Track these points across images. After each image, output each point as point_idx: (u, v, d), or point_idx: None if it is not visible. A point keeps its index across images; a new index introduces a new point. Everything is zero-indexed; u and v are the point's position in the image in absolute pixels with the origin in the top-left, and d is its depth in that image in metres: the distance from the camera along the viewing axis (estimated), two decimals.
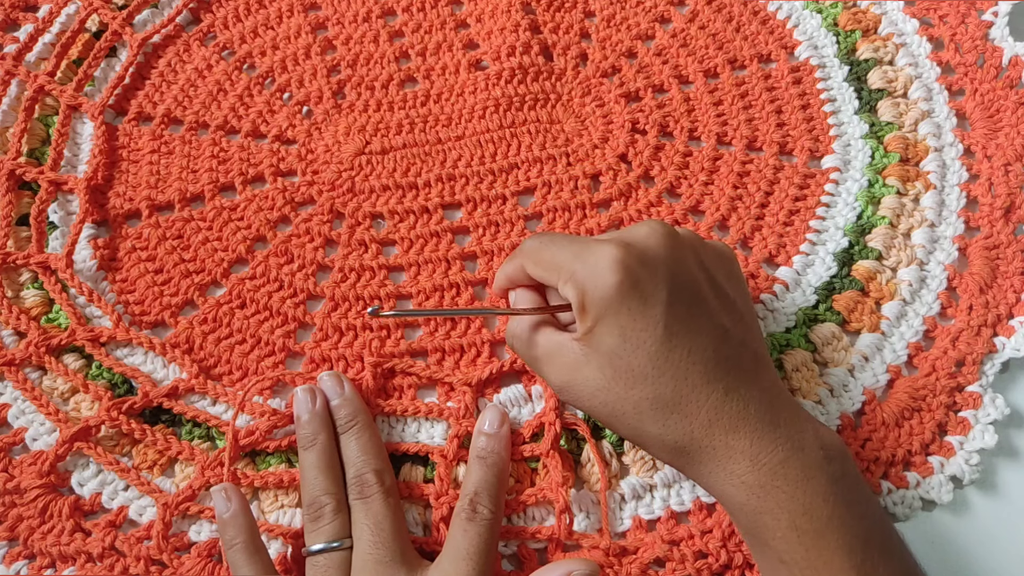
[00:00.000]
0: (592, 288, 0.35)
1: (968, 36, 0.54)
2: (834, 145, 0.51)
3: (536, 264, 0.38)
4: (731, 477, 0.34)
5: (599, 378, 0.35)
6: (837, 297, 0.46)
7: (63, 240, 0.48)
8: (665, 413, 0.34)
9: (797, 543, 0.33)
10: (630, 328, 0.35)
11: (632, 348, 0.35)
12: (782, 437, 0.34)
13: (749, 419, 0.34)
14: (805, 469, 0.34)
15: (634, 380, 0.35)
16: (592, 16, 0.56)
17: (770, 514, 0.33)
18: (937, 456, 0.42)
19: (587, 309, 0.35)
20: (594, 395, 0.36)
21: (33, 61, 0.53)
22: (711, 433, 0.34)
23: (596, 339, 0.35)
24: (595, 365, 0.35)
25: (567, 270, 0.36)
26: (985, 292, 0.46)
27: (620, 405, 0.35)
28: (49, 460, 0.42)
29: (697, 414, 0.34)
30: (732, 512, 0.35)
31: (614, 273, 0.34)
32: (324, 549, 0.38)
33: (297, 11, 0.55)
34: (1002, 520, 0.42)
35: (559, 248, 0.37)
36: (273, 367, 0.45)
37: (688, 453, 0.35)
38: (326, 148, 0.51)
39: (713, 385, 0.34)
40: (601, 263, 0.35)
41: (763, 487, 0.33)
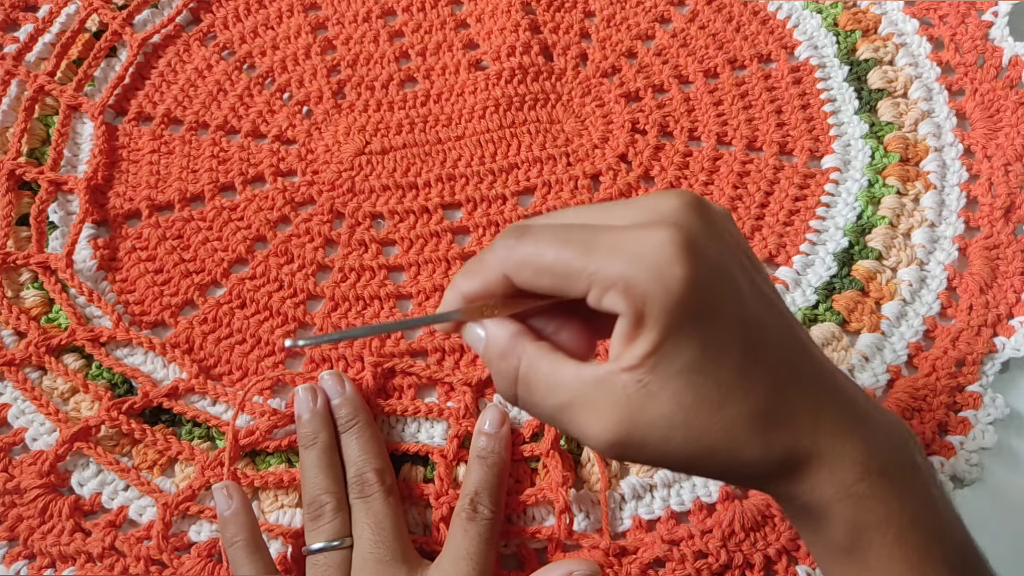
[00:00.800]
0: (656, 293, 0.25)
1: (968, 36, 0.54)
2: (834, 145, 0.51)
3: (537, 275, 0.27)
4: (839, 490, 0.28)
5: (675, 411, 0.26)
6: (837, 297, 0.46)
7: (63, 240, 0.48)
8: (765, 428, 0.27)
9: (902, 560, 0.28)
10: (712, 333, 0.26)
11: (717, 357, 0.26)
12: (880, 432, 0.28)
13: (847, 414, 0.28)
14: (906, 469, 0.29)
15: (723, 400, 0.26)
16: (592, 16, 0.56)
17: (877, 528, 0.28)
18: (937, 456, 0.42)
19: (648, 322, 0.26)
20: (669, 438, 0.27)
21: (33, 61, 0.53)
22: (816, 439, 0.27)
23: (666, 360, 0.26)
24: (668, 394, 0.26)
25: (605, 274, 0.26)
26: (985, 292, 0.46)
27: (707, 438, 0.27)
28: (49, 460, 0.42)
29: (798, 419, 0.27)
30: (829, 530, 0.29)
31: (683, 264, 0.25)
32: (324, 548, 0.38)
33: (297, 11, 0.55)
34: (1002, 520, 0.42)
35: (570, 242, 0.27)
36: (273, 367, 0.45)
37: (790, 471, 0.28)
38: (326, 148, 0.51)
39: (803, 377, 0.28)
40: (664, 256, 0.25)
41: (873, 497, 0.28)
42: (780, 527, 0.40)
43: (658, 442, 0.27)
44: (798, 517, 0.30)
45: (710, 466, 0.28)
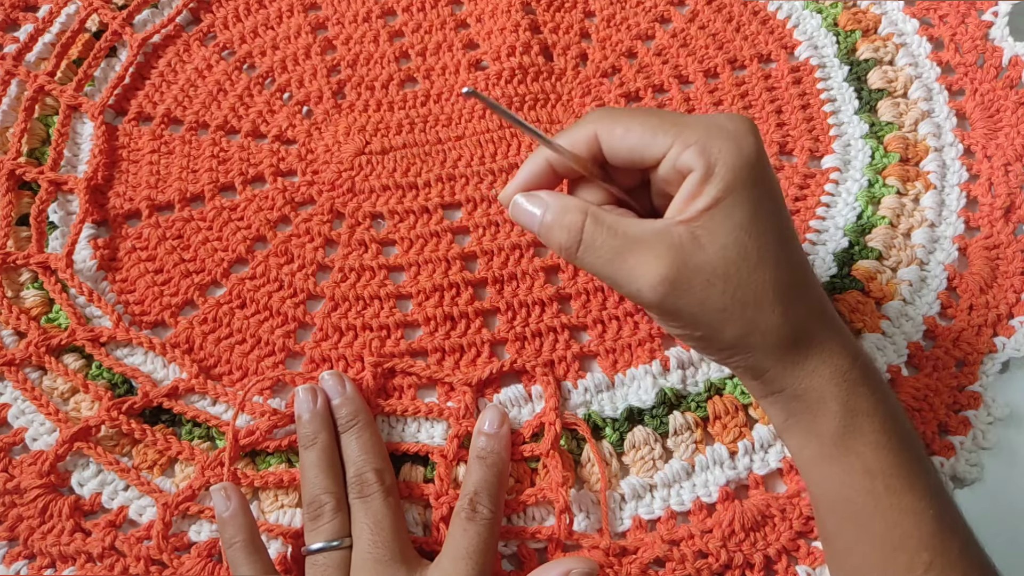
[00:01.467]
0: (729, 153, 0.31)
1: (968, 36, 0.54)
2: (834, 145, 0.51)
3: (626, 133, 0.32)
4: (836, 374, 0.32)
5: (718, 261, 0.31)
6: (837, 297, 0.46)
7: (63, 240, 0.48)
8: (787, 300, 0.32)
9: (887, 449, 0.32)
10: (764, 203, 0.31)
11: (763, 225, 0.31)
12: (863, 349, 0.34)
13: (838, 318, 0.34)
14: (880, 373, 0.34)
15: (761, 260, 0.31)
16: (592, 16, 0.56)
17: (866, 415, 0.32)
18: (937, 456, 0.42)
19: (715, 177, 0.31)
20: (710, 283, 0.31)
21: (33, 61, 0.53)
22: (822, 324, 0.33)
23: (721, 214, 0.31)
24: (716, 245, 0.31)
25: (688, 136, 0.31)
26: (985, 292, 0.46)
27: (741, 292, 0.31)
28: (49, 460, 0.42)
29: (813, 303, 0.33)
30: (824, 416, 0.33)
31: (754, 136, 0.32)
32: (324, 548, 0.38)
33: (297, 11, 0.55)
34: (1002, 520, 0.42)
35: (659, 114, 0.33)
36: (273, 367, 0.45)
37: (797, 347, 0.32)
38: (326, 148, 0.51)
39: (816, 280, 0.33)
40: (741, 128, 0.32)
41: (864, 384, 0.32)
42: (780, 527, 0.40)
43: (700, 288, 0.31)
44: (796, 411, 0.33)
45: (736, 324, 0.32)
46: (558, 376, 0.44)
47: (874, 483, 0.32)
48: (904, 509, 0.32)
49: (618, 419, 0.43)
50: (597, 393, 0.44)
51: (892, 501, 0.32)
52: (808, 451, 0.34)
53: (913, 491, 0.32)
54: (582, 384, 0.44)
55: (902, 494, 0.32)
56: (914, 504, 0.32)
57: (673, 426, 0.43)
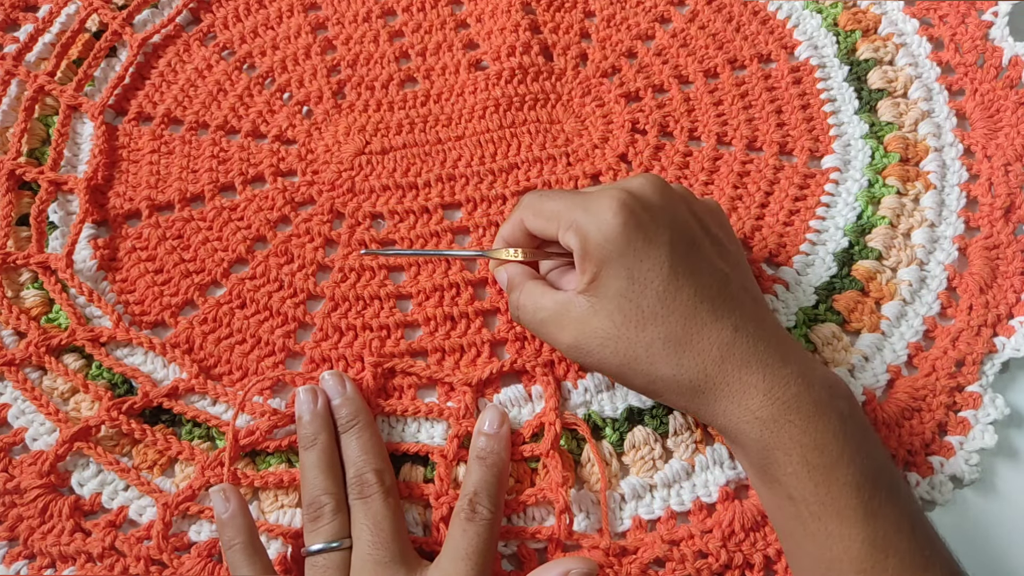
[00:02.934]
0: (596, 232, 0.35)
1: (968, 36, 0.54)
2: (834, 145, 0.51)
3: (536, 215, 0.39)
4: (745, 413, 0.34)
5: (608, 326, 0.36)
6: (837, 297, 0.46)
7: (63, 240, 0.48)
8: (678, 352, 0.35)
9: (807, 478, 0.33)
10: (636, 269, 0.35)
11: (640, 288, 0.35)
12: (793, 373, 0.35)
13: (760, 355, 0.35)
14: (816, 405, 0.34)
15: (644, 321, 0.35)
16: (592, 16, 0.56)
17: (782, 449, 0.34)
18: (937, 456, 0.42)
19: (590, 255, 0.36)
20: (604, 344, 0.36)
21: (33, 61, 0.53)
22: (724, 369, 0.35)
23: (603, 285, 0.36)
24: (604, 313, 0.36)
25: (567, 218, 0.37)
26: (985, 292, 0.46)
27: (632, 350, 0.36)
28: (49, 460, 0.42)
29: (709, 350, 0.35)
30: (744, 449, 0.36)
31: (617, 216, 0.35)
32: (323, 549, 0.38)
33: (297, 11, 0.55)
34: (1002, 520, 0.42)
35: (559, 198, 0.38)
36: (273, 367, 0.45)
37: (703, 392, 0.35)
38: (326, 148, 0.51)
39: (722, 322, 0.35)
40: (603, 208, 0.36)
41: (776, 421, 0.34)
42: None
43: (598, 348, 0.36)
44: (727, 440, 0.37)
45: (637, 376, 0.36)
46: (558, 376, 0.44)
47: (798, 508, 0.34)
48: (831, 534, 0.33)
49: (618, 419, 0.43)
50: (597, 393, 0.44)
51: (818, 526, 0.33)
52: (749, 473, 0.38)
53: (839, 517, 0.33)
54: (582, 384, 0.44)
55: (827, 520, 0.33)
56: (840, 530, 0.33)
57: (673, 426, 0.43)
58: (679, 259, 0.36)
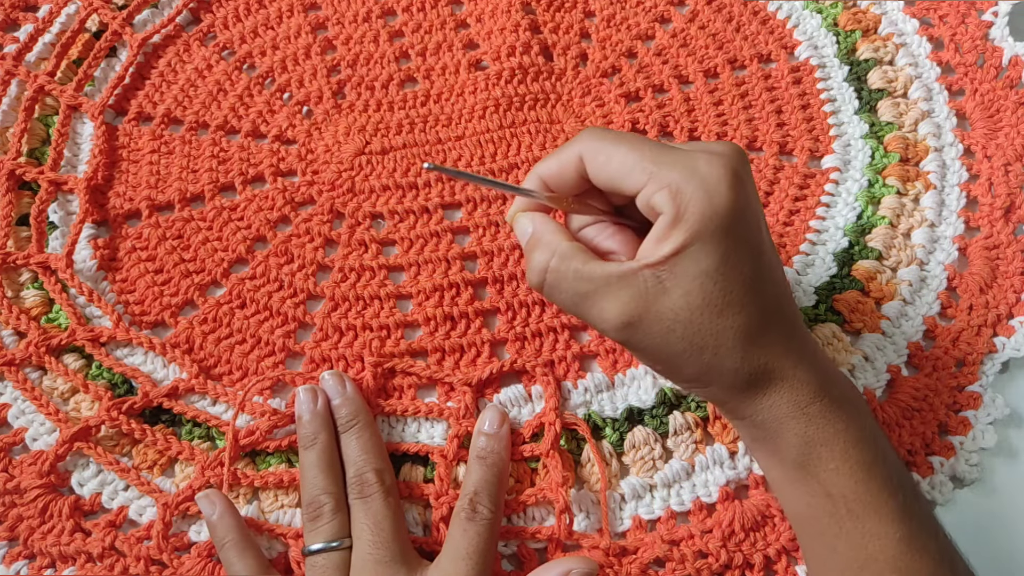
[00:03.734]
0: (700, 202, 0.31)
1: (968, 36, 0.54)
2: (834, 145, 0.51)
3: (608, 160, 0.33)
4: (794, 408, 0.33)
5: (682, 308, 0.31)
6: (837, 297, 0.46)
7: (63, 240, 0.48)
8: (747, 343, 0.32)
9: (848, 476, 0.33)
10: (735, 250, 0.31)
11: (730, 272, 0.31)
12: (838, 376, 0.35)
13: (813, 351, 0.34)
14: (854, 404, 0.34)
15: (725, 307, 0.31)
16: (592, 16, 0.56)
17: (826, 445, 0.33)
18: (937, 456, 0.42)
19: (683, 223, 0.31)
20: (670, 329, 0.32)
21: (33, 61, 0.53)
22: (784, 364, 0.33)
23: (686, 261, 0.31)
24: (680, 293, 0.31)
25: (663, 176, 0.31)
26: (985, 292, 0.46)
27: (700, 338, 0.32)
28: (49, 460, 0.42)
29: (776, 343, 0.33)
30: (783, 444, 0.34)
31: (732, 189, 0.31)
32: (323, 549, 0.38)
33: (297, 11, 0.55)
34: (1002, 520, 0.42)
35: (640, 147, 0.32)
36: (273, 367, 0.45)
37: (756, 384, 0.33)
38: (326, 148, 0.51)
39: (790, 315, 0.34)
40: (715, 175, 0.31)
41: (824, 417, 0.33)
42: (780, 527, 0.40)
43: (661, 331, 0.32)
44: (759, 438, 0.35)
45: (692, 366, 0.33)
46: (558, 376, 0.44)
47: (836, 506, 0.33)
48: (868, 532, 0.33)
49: (618, 419, 0.43)
50: (597, 393, 0.44)
51: (855, 524, 0.33)
52: (774, 472, 0.36)
53: (878, 515, 0.33)
54: (582, 384, 0.44)
55: (865, 518, 0.33)
56: (878, 528, 0.33)
57: (673, 426, 0.43)
58: (768, 244, 0.33)
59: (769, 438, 0.34)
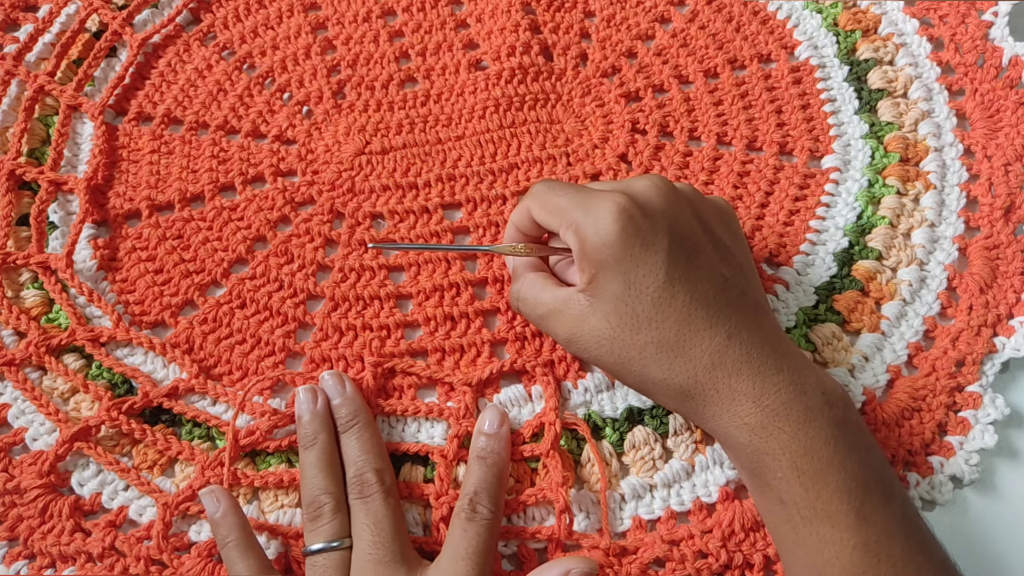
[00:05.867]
0: (594, 236, 0.36)
1: (968, 36, 0.54)
2: (834, 145, 0.51)
3: (541, 208, 0.39)
4: (734, 419, 0.35)
5: (604, 326, 0.36)
6: (837, 297, 0.46)
7: (63, 240, 0.48)
8: (670, 357, 0.35)
9: (797, 484, 0.34)
10: (632, 274, 0.36)
11: (636, 294, 0.36)
12: (785, 380, 0.35)
13: (752, 362, 0.35)
14: (807, 412, 0.34)
15: (638, 325, 0.36)
16: (592, 16, 0.56)
17: (771, 455, 0.34)
18: (937, 456, 0.42)
19: (588, 257, 0.36)
20: (600, 343, 0.37)
21: (33, 61, 0.53)
22: (715, 376, 0.35)
23: (600, 287, 0.36)
24: (600, 314, 0.36)
25: (569, 218, 0.37)
26: (985, 292, 0.46)
27: (626, 351, 0.36)
28: (49, 460, 0.42)
29: (700, 357, 0.35)
30: (735, 453, 0.36)
31: (616, 222, 0.35)
32: (323, 549, 0.38)
33: (297, 11, 0.55)
34: (1001, 520, 0.42)
35: (563, 195, 0.38)
36: (273, 367, 0.45)
37: (693, 397, 0.36)
38: (326, 148, 0.51)
39: (716, 329, 0.35)
40: (603, 212, 0.36)
41: (765, 428, 0.34)
42: None
43: (594, 346, 0.37)
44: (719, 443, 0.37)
45: (630, 375, 0.37)
46: (558, 376, 0.44)
47: (790, 513, 0.34)
48: (823, 538, 0.33)
49: (618, 419, 0.43)
50: (597, 393, 0.44)
51: (809, 531, 0.33)
52: (742, 476, 0.38)
53: (830, 522, 0.33)
54: (582, 384, 0.44)
55: (818, 524, 0.33)
56: (831, 534, 0.33)
57: (673, 426, 0.43)
58: (677, 265, 0.36)
59: (724, 445, 0.37)
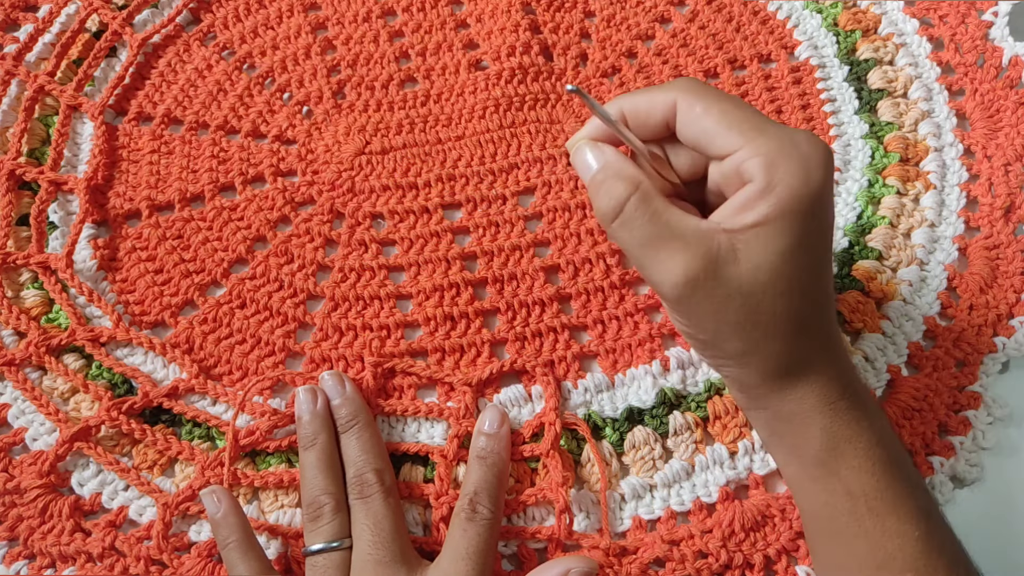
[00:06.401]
0: (794, 177, 0.29)
1: (968, 36, 0.54)
2: (834, 145, 0.51)
3: (703, 113, 0.31)
4: (822, 402, 0.33)
5: (748, 281, 0.30)
6: (838, 297, 0.46)
7: (63, 240, 0.48)
8: (797, 331, 0.32)
9: (870, 473, 0.33)
10: (808, 234, 0.30)
11: (805, 255, 0.30)
12: (859, 376, 0.35)
13: (846, 350, 0.35)
14: (876, 402, 0.35)
15: (788, 290, 0.31)
16: (592, 16, 0.56)
17: (850, 441, 0.33)
18: (937, 456, 0.42)
19: (772, 196, 0.30)
20: (729, 299, 0.31)
21: (33, 61, 0.53)
22: (822, 358, 0.33)
23: (766, 234, 0.30)
24: (750, 265, 0.30)
25: (760, 144, 0.30)
26: (985, 292, 0.46)
27: (755, 315, 0.31)
28: (49, 460, 0.42)
29: (819, 336, 0.33)
30: (805, 440, 0.33)
31: (825, 170, 0.30)
32: (323, 549, 0.38)
33: (297, 11, 0.55)
34: (1002, 520, 0.42)
35: (744, 109, 0.31)
36: (273, 367, 0.45)
37: (791, 373, 0.33)
38: (326, 148, 0.51)
39: (828, 307, 0.33)
40: (814, 153, 0.30)
41: (849, 412, 0.33)
42: (780, 527, 0.40)
43: (720, 298, 0.31)
44: (780, 432, 0.35)
45: (742, 340, 0.32)
46: (558, 376, 0.44)
47: (856, 505, 0.33)
48: (887, 531, 0.33)
49: (618, 419, 0.43)
50: (597, 393, 0.44)
51: (875, 523, 0.33)
52: (791, 468, 0.36)
53: (897, 514, 0.33)
54: (582, 384, 0.44)
55: (885, 516, 0.33)
56: (898, 526, 0.33)
57: (673, 426, 0.43)
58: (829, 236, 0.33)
59: (791, 432, 0.34)
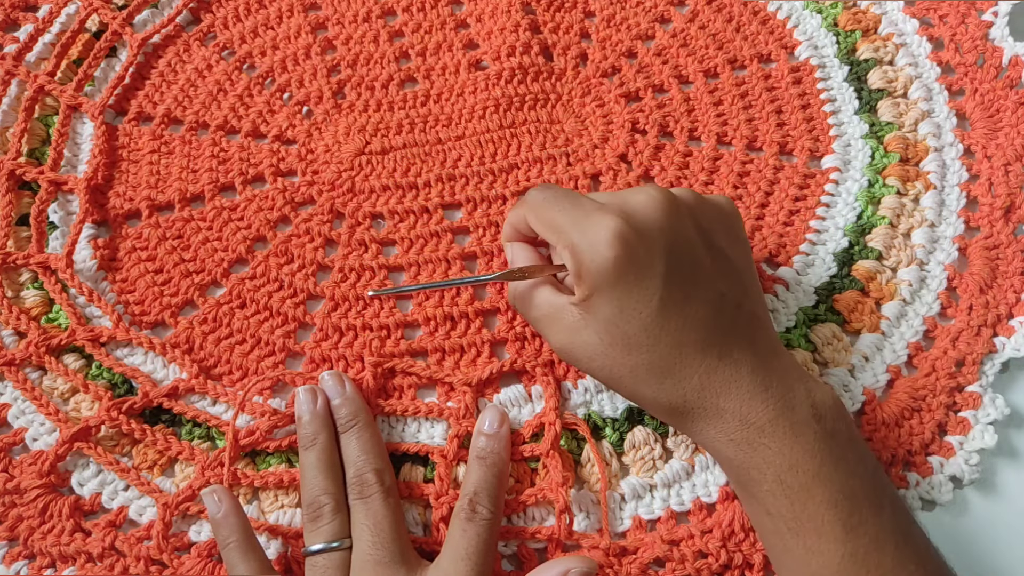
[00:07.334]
0: (589, 260, 0.35)
1: (968, 36, 0.54)
2: (834, 145, 0.51)
3: (538, 220, 0.39)
4: (720, 435, 0.36)
5: (597, 343, 0.36)
6: (837, 297, 0.46)
7: (63, 240, 0.48)
8: (660, 378, 0.36)
9: (783, 497, 0.34)
10: (626, 300, 0.36)
11: (628, 319, 0.36)
12: (772, 397, 0.35)
13: (740, 382, 0.35)
14: (793, 427, 0.35)
15: (630, 348, 0.36)
16: (592, 16, 0.56)
17: (757, 469, 0.35)
18: (937, 456, 0.42)
19: (584, 278, 0.36)
20: (592, 358, 0.37)
21: (33, 61, 0.53)
22: (703, 396, 0.36)
23: (593, 307, 0.36)
24: (592, 330, 0.36)
25: (566, 237, 0.37)
26: (985, 292, 0.46)
27: (617, 369, 0.36)
28: (49, 460, 0.42)
29: (690, 379, 0.36)
30: (722, 465, 0.37)
31: (612, 248, 0.35)
32: (323, 549, 0.38)
33: (297, 11, 0.55)
34: (1002, 520, 0.42)
35: (560, 211, 0.38)
36: (273, 367, 0.45)
37: (681, 413, 0.36)
38: (326, 148, 0.51)
39: (707, 352, 0.36)
40: (600, 236, 0.35)
41: (750, 443, 0.35)
42: None
43: (586, 359, 0.37)
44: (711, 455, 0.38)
45: (621, 389, 0.38)
46: (558, 376, 0.44)
47: (776, 524, 0.34)
48: (809, 549, 0.33)
49: (618, 419, 0.43)
50: (597, 393, 0.44)
51: (796, 542, 0.34)
52: (732, 485, 0.39)
53: (817, 533, 0.33)
54: (582, 384, 0.44)
55: (806, 536, 0.34)
56: (818, 545, 0.33)
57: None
58: (671, 291, 0.36)
59: (714, 457, 0.38)
